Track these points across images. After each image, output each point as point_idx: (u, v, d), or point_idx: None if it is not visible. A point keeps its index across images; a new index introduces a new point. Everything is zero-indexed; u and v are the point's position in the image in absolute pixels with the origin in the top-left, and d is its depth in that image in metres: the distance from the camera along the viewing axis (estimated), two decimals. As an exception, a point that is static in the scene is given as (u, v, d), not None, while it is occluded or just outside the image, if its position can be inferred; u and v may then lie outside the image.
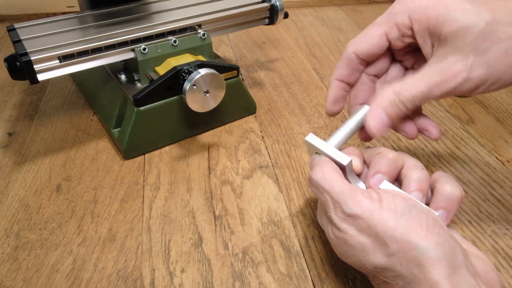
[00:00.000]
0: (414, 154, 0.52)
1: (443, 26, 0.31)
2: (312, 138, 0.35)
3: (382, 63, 0.38)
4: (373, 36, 0.36)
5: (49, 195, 0.46)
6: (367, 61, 0.38)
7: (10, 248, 0.40)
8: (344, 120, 0.58)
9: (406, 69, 0.39)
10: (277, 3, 0.59)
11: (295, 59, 0.75)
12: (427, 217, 0.28)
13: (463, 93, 0.32)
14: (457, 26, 0.30)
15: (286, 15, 0.61)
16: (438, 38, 0.32)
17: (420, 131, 0.37)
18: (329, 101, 0.38)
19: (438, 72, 0.31)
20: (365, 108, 0.36)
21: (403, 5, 0.34)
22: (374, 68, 0.38)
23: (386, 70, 0.39)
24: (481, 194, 0.46)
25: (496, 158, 0.52)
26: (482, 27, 0.30)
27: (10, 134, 0.56)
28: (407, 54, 0.38)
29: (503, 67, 0.30)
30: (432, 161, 0.51)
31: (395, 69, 0.39)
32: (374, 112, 0.34)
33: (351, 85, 0.39)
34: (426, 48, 0.33)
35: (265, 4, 0.59)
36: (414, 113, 0.37)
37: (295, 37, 0.84)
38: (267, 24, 0.61)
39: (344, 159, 0.33)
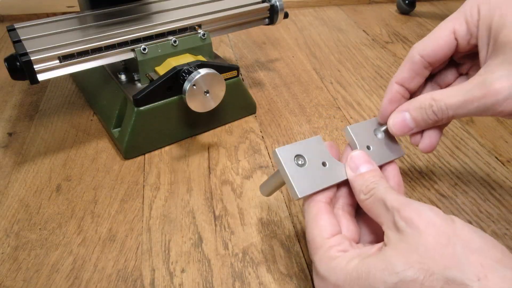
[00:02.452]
0: (414, 154, 0.52)
1: (502, 32, 0.28)
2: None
3: (447, 73, 0.35)
4: (440, 35, 0.32)
5: (49, 195, 0.46)
6: (432, 66, 0.34)
7: (10, 248, 0.40)
8: (344, 120, 0.58)
9: (461, 75, 0.36)
10: (277, 3, 0.59)
11: (295, 59, 0.75)
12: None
13: (505, 115, 0.28)
14: None
15: (286, 15, 0.61)
16: (494, 43, 0.29)
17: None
18: (385, 102, 0.35)
19: (479, 85, 0.28)
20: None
21: (474, 0, 0.31)
22: (438, 78, 0.36)
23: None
24: (481, 194, 0.46)
25: (496, 158, 0.52)
26: None
27: (10, 134, 0.56)
28: (466, 57, 0.34)
29: None
30: (432, 161, 0.51)
31: (449, 73, 0.36)
32: (398, 110, 0.33)
33: (410, 91, 0.35)
34: (482, 53, 0.30)
35: (265, 4, 0.59)
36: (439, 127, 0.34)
37: (295, 37, 0.84)
38: (267, 24, 0.61)
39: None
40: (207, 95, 0.47)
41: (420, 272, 0.23)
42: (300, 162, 0.32)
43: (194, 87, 0.46)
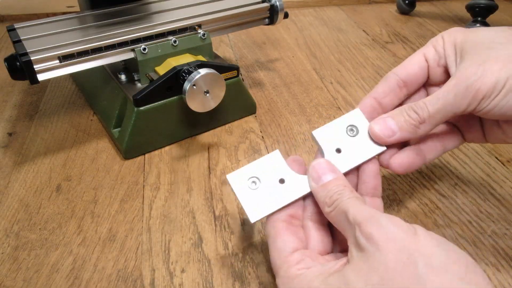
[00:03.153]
0: (414, 154, 0.52)
1: (465, 44, 0.31)
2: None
3: (420, 96, 0.36)
4: (412, 58, 0.35)
5: (49, 195, 0.46)
6: (406, 85, 0.35)
7: (10, 248, 0.40)
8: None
9: None
10: (277, 3, 0.59)
11: (295, 59, 0.75)
12: None
13: (491, 113, 0.29)
14: (480, 46, 0.30)
15: (286, 15, 0.61)
16: (460, 56, 0.31)
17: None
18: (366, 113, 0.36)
19: (464, 83, 0.29)
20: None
21: (440, 34, 0.34)
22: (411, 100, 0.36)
23: None
24: (481, 194, 0.46)
25: (496, 158, 0.52)
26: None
27: (10, 134, 0.56)
28: (441, 83, 0.35)
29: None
30: (432, 161, 0.51)
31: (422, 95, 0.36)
32: (379, 118, 0.33)
33: (382, 108, 0.35)
34: (451, 68, 0.32)
35: (265, 4, 0.59)
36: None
37: (295, 37, 0.84)
38: (267, 24, 0.61)
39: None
40: (207, 95, 0.47)
41: None
42: (253, 186, 0.31)
43: (194, 87, 0.46)
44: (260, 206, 0.31)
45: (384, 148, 0.34)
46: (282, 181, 0.32)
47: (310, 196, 0.32)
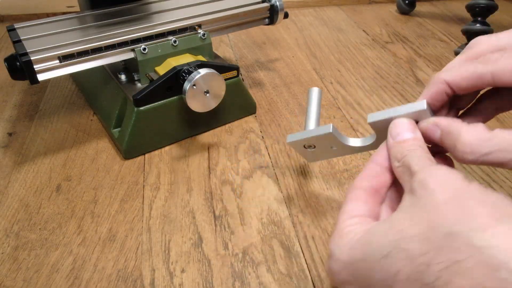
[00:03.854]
0: (414, 154, 0.52)
1: None
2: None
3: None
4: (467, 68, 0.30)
5: (49, 195, 0.46)
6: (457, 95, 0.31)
7: (10, 248, 0.40)
8: (344, 120, 0.58)
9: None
10: (277, 3, 0.59)
11: (295, 59, 0.75)
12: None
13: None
14: None
15: (286, 15, 0.61)
16: None
17: None
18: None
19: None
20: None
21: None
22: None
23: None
24: (481, 194, 0.46)
25: (496, 158, 0.52)
26: None
27: (10, 134, 0.56)
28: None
29: None
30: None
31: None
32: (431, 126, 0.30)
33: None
34: None
35: (265, 4, 0.59)
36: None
37: (295, 37, 0.84)
38: (267, 24, 0.61)
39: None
40: (207, 95, 0.47)
41: (423, 229, 0.22)
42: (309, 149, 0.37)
43: (194, 87, 0.46)
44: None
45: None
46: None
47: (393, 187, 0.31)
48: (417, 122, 0.31)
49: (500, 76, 0.28)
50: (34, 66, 0.44)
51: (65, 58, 0.46)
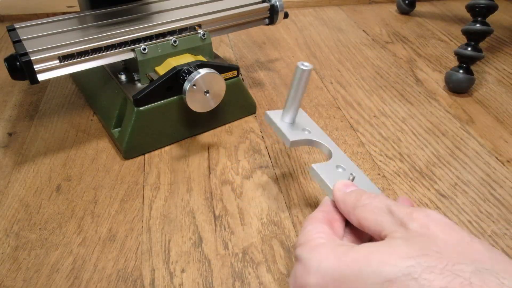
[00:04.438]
0: (414, 154, 0.52)
1: None
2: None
3: None
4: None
5: (49, 195, 0.46)
6: None
7: (10, 248, 0.40)
8: (344, 120, 0.58)
9: None
10: (277, 3, 0.59)
11: (295, 59, 0.75)
12: None
13: None
14: None
15: (286, 15, 0.61)
16: None
17: None
18: None
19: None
20: (301, 70, 0.35)
21: None
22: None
23: None
24: (481, 194, 0.46)
25: (496, 158, 0.52)
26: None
27: (10, 134, 0.56)
28: None
29: None
30: (432, 161, 0.51)
31: None
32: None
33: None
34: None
35: (265, 4, 0.59)
36: None
37: (295, 37, 0.84)
38: (267, 24, 0.61)
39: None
40: (207, 95, 0.47)
41: (439, 261, 0.21)
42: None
43: (194, 87, 0.46)
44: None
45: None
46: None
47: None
48: None
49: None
50: (34, 66, 0.44)
51: (65, 58, 0.46)
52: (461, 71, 0.64)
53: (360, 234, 0.31)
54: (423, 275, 0.21)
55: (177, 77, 0.48)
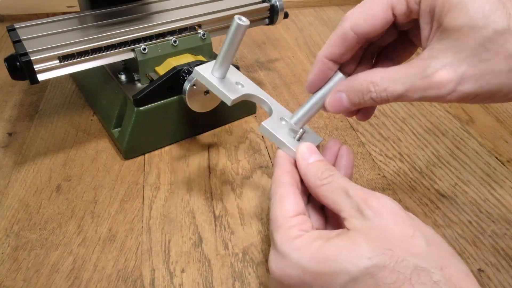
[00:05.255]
0: (414, 154, 0.52)
1: (447, 16, 0.25)
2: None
3: (386, 39, 0.32)
4: (377, 12, 0.29)
5: (49, 195, 0.46)
6: (367, 41, 0.32)
7: (10, 248, 0.40)
8: (343, 119, 0.58)
9: (401, 33, 0.33)
10: (277, 3, 0.59)
11: (295, 59, 0.75)
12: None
13: (446, 102, 0.28)
14: (462, 21, 0.25)
15: (286, 15, 0.61)
16: (438, 25, 0.26)
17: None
18: (312, 79, 0.34)
19: (422, 74, 0.27)
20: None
21: None
22: (375, 46, 0.33)
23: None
24: (481, 194, 0.46)
25: (496, 158, 0.52)
26: (492, 33, 0.24)
27: (10, 134, 0.56)
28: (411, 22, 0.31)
29: (501, 81, 0.25)
30: (432, 161, 0.51)
31: (388, 35, 0.33)
32: (336, 91, 0.32)
33: (341, 63, 0.33)
34: (424, 31, 0.28)
35: (265, 4, 0.59)
36: None
37: (295, 37, 0.84)
38: (267, 24, 0.61)
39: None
40: (207, 95, 0.47)
41: (391, 259, 0.24)
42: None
43: (194, 87, 0.46)
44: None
45: (322, 139, 0.38)
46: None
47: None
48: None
49: (356, 26, 0.30)
50: (34, 66, 0.44)
51: (65, 58, 0.46)
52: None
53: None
54: (379, 273, 0.24)
55: (177, 77, 0.48)
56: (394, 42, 0.33)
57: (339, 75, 0.33)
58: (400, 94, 0.28)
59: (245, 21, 0.35)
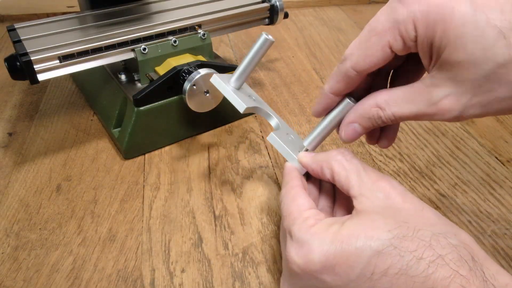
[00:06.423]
0: (414, 154, 0.52)
1: (446, 51, 0.26)
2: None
3: (394, 64, 0.33)
4: (375, 50, 0.29)
5: (49, 195, 0.46)
6: (366, 76, 0.33)
7: (10, 248, 0.40)
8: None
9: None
10: (277, 3, 0.59)
11: (295, 59, 0.75)
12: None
13: (450, 121, 0.30)
14: (462, 57, 0.25)
15: (286, 15, 0.61)
16: (437, 58, 0.27)
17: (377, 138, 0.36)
18: (317, 109, 0.35)
19: (428, 101, 0.28)
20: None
21: (408, 9, 0.27)
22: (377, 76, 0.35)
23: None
24: (481, 194, 0.46)
25: (496, 158, 0.52)
26: (493, 67, 0.24)
27: (10, 134, 0.56)
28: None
29: (508, 105, 0.26)
30: (432, 161, 0.51)
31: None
32: (347, 123, 0.33)
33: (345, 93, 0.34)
34: (424, 60, 0.29)
35: (265, 4, 0.59)
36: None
37: (295, 37, 0.84)
38: (267, 24, 0.61)
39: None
40: (207, 95, 0.47)
41: (408, 230, 0.26)
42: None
43: (194, 87, 0.46)
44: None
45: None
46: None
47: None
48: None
49: (357, 66, 0.31)
50: (34, 66, 0.44)
51: (65, 58, 0.46)
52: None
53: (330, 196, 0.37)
54: (401, 244, 0.26)
55: (177, 77, 0.48)
56: (404, 63, 0.34)
57: (346, 100, 0.34)
58: (407, 117, 0.30)
59: (271, 38, 0.37)
